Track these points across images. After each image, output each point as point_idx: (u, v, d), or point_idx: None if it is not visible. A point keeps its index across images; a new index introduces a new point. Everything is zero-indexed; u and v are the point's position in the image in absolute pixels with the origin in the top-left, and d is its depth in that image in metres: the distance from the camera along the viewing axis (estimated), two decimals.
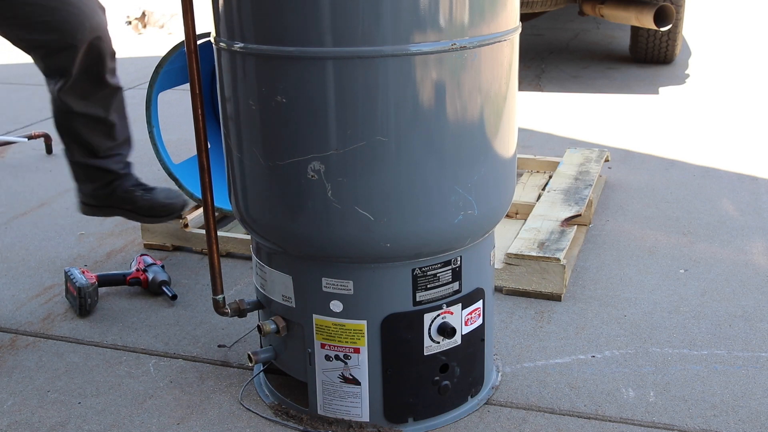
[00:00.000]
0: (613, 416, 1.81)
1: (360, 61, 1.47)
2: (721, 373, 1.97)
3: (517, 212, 2.83)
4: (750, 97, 4.67)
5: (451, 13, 1.49)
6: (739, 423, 1.78)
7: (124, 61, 5.79)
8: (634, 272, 2.50)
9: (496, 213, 1.73)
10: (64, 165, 2.42)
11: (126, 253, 2.73)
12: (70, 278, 2.32)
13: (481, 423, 1.80)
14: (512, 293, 2.36)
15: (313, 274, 1.68)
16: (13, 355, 2.12)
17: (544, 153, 3.48)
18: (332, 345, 1.71)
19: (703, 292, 2.37)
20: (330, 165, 1.54)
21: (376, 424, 1.75)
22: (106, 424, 1.83)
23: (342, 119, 1.51)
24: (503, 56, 1.60)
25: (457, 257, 1.69)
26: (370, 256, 1.63)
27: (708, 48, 6.13)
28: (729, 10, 7.95)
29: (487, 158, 1.63)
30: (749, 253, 2.61)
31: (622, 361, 2.02)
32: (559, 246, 2.39)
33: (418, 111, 1.52)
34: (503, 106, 1.64)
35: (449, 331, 1.70)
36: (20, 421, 1.84)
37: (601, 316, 2.24)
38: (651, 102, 4.60)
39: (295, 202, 1.60)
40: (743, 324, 2.19)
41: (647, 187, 3.23)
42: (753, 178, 3.31)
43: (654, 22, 4.63)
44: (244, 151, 1.64)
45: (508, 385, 1.93)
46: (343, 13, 1.45)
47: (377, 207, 1.56)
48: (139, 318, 2.29)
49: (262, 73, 1.55)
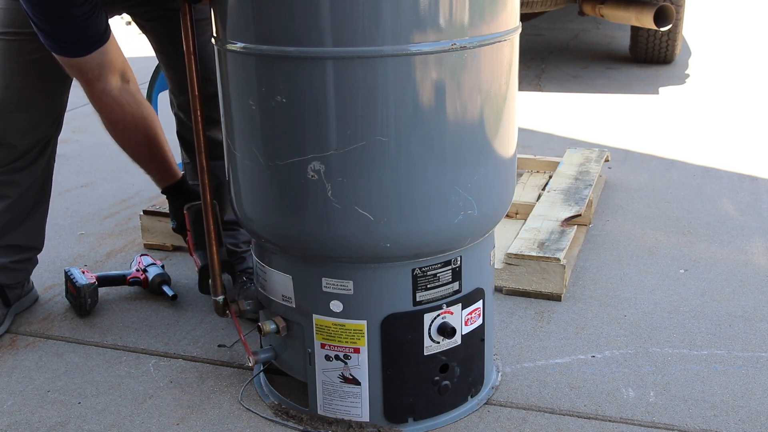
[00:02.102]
0: (613, 416, 1.81)
1: (360, 61, 1.47)
2: (721, 373, 1.97)
3: (517, 212, 2.83)
4: (750, 97, 4.67)
5: (451, 13, 1.49)
6: (739, 423, 1.78)
7: None
8: (634, 272, 2.50)
9: (496, 213, 1.73)
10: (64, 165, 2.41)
11: (126, 253, 2.73)
12: (70, 278, 2.32)
13: (481, 423, 1.80)
14: (512, 293, 2.36)
15: (313, 274, 1.68)
16: (13, 355, 2.12)
17: (544, 153, 3.48)
18: (332, 345, 1.71)
19: (703, 292, 2.37)
20: (330, 165, 1.54)
21: (376, 424, 1.75)
22: (106, 424, 1.83)
23: (342, 119, 1.51)
24: (503, 56, 1.60)
25: (457, 257, 1.69)
26: (370, 256, 1.63)
27: (708, 48, 6.13)
28: (729, 10, 7.95)
29: (487, 158, 1.63)
30: (749, 253, 2.61)
31: (622, 361, 2.02)
32: (559, 246, 2.39)
33: (418, 111, 1.52)
34: (503, 106, 1.64)
35: (449, 331, 1.70)
36: (20, 421, 1.84)
37: (601, 316, 2.24)
38: (651, 102, 4.60)
39: (295, 202, 1.60)
40: (743, 324, 2.19)
41: (647, 187, 3.23)
42: (753, 178, 3.31)
43: (654, 22, 4.63)
44: (244, 151, 1.64)
45: (508, 385, 1.93)
46: (343, 13, 1.45)
47: (377, 207, 1.56)
48: (139, 318, 2.29)
49: (262, 73, 1.55)
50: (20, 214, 2.23)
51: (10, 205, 2.20)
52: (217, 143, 1.88)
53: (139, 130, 2.03)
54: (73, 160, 3.67)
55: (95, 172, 3.59)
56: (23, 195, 2.21)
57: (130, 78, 1.99)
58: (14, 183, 2.18)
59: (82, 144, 3.96)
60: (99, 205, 3.18)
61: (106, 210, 3.13)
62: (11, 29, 2.03)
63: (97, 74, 1.92)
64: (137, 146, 2.06)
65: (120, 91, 1.96)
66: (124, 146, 2.08)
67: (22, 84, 2.08)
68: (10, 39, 2.04)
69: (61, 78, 2.09)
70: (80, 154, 3.83)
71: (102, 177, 3.51)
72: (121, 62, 1.96)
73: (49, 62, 1.97)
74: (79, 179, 3.47)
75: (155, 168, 2.12)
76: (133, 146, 2.07)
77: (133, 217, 3.00)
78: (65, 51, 1.88)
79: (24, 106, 2.11)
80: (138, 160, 2.11)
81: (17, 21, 2.01)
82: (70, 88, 2.18)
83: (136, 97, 2.01)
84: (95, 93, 1.95)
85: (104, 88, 1.94)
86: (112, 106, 1.98)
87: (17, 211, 2.22)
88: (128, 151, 2.09)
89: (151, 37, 2.23)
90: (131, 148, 2.07)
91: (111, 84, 1.95)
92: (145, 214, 2.75)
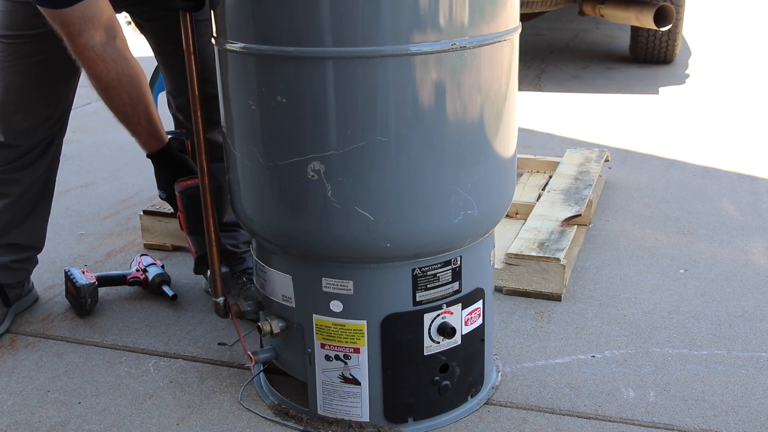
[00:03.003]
0: (613, 416, 1.81)
1: (360, 61, 1.47)
2: (721, 373, 1.97)
3: (517, 212, 2.83)
4: (750, 97, 4.67)
5: (451, 13, 1.49)
6: (739, 423, 1.78)
7: None
8: (634, 272, 2.50)
9: (497, 213, 1.73)
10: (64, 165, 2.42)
11: (126, 253, 2.73)
12: (70, 278, 2.32)
13: (481, 423, 1.80)
14: (512, 293, 2.36)
15: (313, 274, 1.68)
16: (13, 355, 2.12)
17: (544, 153, 3.48)
18: (332, 345, 1.71)
19: (703, 292, 2.37)
20: (330, 165, 1.54)
21: (376, 424, 1.75)
22: (106, 424, 1.83)
23: (342, 119, 1.51)
24: (503, 56, 1.60)
25: (457, 257, 1.69)
26: (370, 256, 1.63)
27: (708, 48, 6.13)
28: (729, 10, 7.95)
29: (488, 158, 1.63)
30: (749, 253, 2.61)
31: (622, 361, 2.02)
32: (559, 246, 2.39)
33: (418, 111, 1.52)
34: (503, 106, 1.64)
35: (449, 331, 1.70)
36: (20, 421, 1.84)
37: (601, 316, 2.24)
38: (651, 102, 4.60)
39: (295, 202, 1.60)
40: (743, 324, 2.19)
41: (647, 187, 3.23)
42: (753, 178, 3.31)
43: (654, 22, 4.63)
44: (244, 151, 1.64)
45: (508, 385, 1.93)
46: (343, 13, 1.45)
47: (377, 207, 1.56)
48: (139, 318, 2.29)
49: (262, 73, 1.55)
50: (21, 213, 2.22)
51: (11, 204, 2.20)
52: (216, 145, 1.88)
53: (123, 87, 1.94)
54: (73, 160, 3.67)
55: (95, 172, 3.59)
56: (24, 194, 2.21)
57: (117, 34, 1.90)
58: (16, 181, 2.18)
59: (82, 144, 3.95)
60: (99, 205, 3.18)
61: (106, 210, 3.13)
62: (11, 32, 2.03)
63: (79, 28, 1.84)
64: (121, 105, 1.97)
65: (104, 46, 1.87)
66: (109, 104, 1.99)
67: (22, 86, 2.08)
68: (10, 42, 2.03)
69: (64, 79, 2.08)
70: (80, 154, 3.83)
71: (102, 177, 3.52)
72: (108, 17, 1.87)
73: (50, 64, 1.96)
74: (79, 179, 3.48)
75: (141, 130, 2.03)
76: (117, 104, 1.97)
77: (133, 217, 3.00)
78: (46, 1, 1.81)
79: (25, 107, 2.10)
80: (123, 120, 2.02)
81: (17, 23, 2.00)
82: (75, 88, 2.17)
83: (123, 53, 1.92)
84: (77, 47, 1.87)
85: (86, 43, 1.86)
86: (95, 61, 1.89)
87: (18, 210, 2.21)
88: (113, 109, 1.99)
89: (150, 38, 2.22)
90: (116, 106, 1.98)
91: (95, 39, 1.86)
92: (145, 214, 2.75)
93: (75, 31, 1.85)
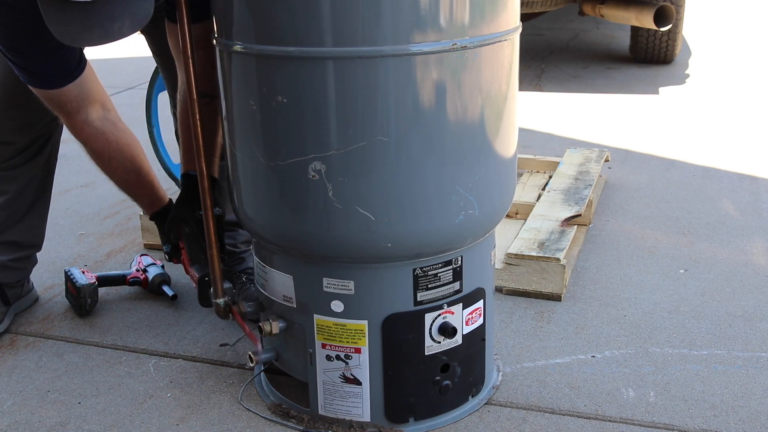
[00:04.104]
0: (613, 416, 1.81)
1: (360, 61, 1.47)
2: (721, 373, 1.97)
3: (517, 212, 2.83)
4: (750, 97, 4.67)
5: (451, 13, 1.49)
6: (739, 423, 1.78)
7: (124, 61, 5.80)
8: (634, 272, 2.50)
9: (497, 213, 1.73)
10: (64, 165, 2.41)
11: (126, 253, 2.73)
12: (70, 278, 2.32)
13: (481, 423, 1.80)
14: (512, 293, 2.36)
15: (314, 274, 1.68)
16: (13, 355, 2.12)
17: (544, 153, 3.48)
18: (333, 345, 1.71)
19: (703, 292, 2.37)
20: (331, 165, 1.54)
21: (377, 424, 1.75)
22: (106, 424, 1.83)
23: (343, 119, 1.51)
24: (504, 56, 1.60)
25: (458, 257, 1.69)
26: (370, 256, 1.63)
27: (708, 48, 6.13)
28: (729, 10, 7.95)
29: (488, 158, 1.63)
30: (749, 253, 2.61)
31: (622, 361, 2.02)
32: (559, 246, 2.39)
33: (418, 111, 1.52)
34: (503, 106, 1.64)
35: (450, 330, 1.70)
36: (20, 421, 1.84)
37: (601, 316, 2.24)
38: (651, 102, 4.60)
39: (296, 202, 1.60)
40: (743, 324, 2.19)
41: (647, 187, 3.23)
42: (753, 178, 3.31)
43: (654, 22, 4.63)
44: (245, 151, 1.64)
45: (508, 385, 1.93)
46: (344, 13, 1.45)
47: (378, 207, 1.56)
48: (139, 318, 2.29)
49: (262, 73, 1.55)
50: (19, 211, 2.22)
51: (8, 201, 2.20)
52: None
53: (124, 157, 2.02)
54: (73, 160, 3.66)
55: (95, 172, 3.52)
56: (22, 191, 2.21)
57: (110, 107, 1.98)
58: (12, 179, 2.18)
59: None
60: (99, 205, 3.18)
61: (106, 210, 3.13)
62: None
63: (77, 106, 1.91)
64: (124, 173, 2.06)
65: (102, 120, 1.95)
66: (111, 175, 2.08)
67: (16, 83, 2.08)
68: None
69: None
70: (80, 154, 3.75)
71: (102, 177, 3.44)
72: (100, 92, 1.95)
73: None
74: (79, 179, 3.47)
75: (143, 194, 2.12)
76: (119, 174, 2.06)
77: (133, 217, 3.00)
78: (40, 83, 1.87)
79: (19, 104, 2.10)
80: (125, 187, 2.11)
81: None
82: None
83: (118, 125, 2.00)
84: (77, 125, 1.95)
85: (85, 119, 1.93)
86: (95, 136, 1.96)
87: (15, 208, 2.22)
88: (115, 179, 2.09)
89: (149, 39, 2.23)
90: (118, 176, 2.07)
91: (92, 115, 1.93)
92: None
93: (73, 109, 1.91)
